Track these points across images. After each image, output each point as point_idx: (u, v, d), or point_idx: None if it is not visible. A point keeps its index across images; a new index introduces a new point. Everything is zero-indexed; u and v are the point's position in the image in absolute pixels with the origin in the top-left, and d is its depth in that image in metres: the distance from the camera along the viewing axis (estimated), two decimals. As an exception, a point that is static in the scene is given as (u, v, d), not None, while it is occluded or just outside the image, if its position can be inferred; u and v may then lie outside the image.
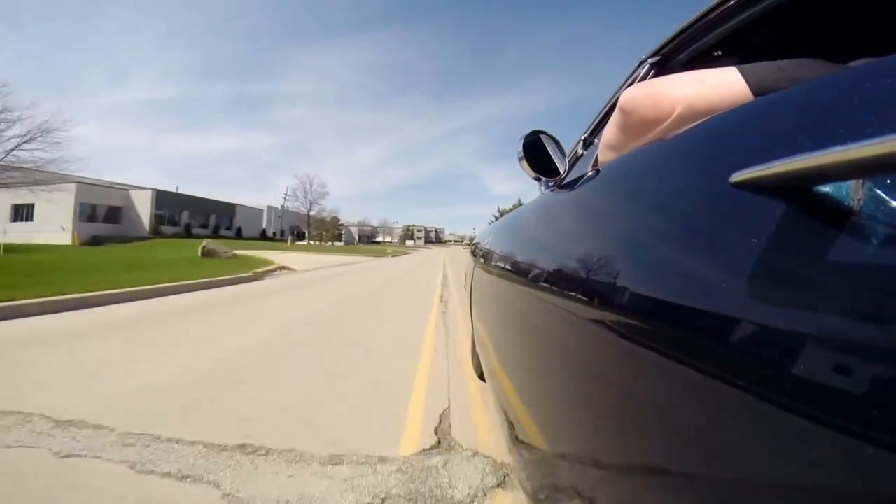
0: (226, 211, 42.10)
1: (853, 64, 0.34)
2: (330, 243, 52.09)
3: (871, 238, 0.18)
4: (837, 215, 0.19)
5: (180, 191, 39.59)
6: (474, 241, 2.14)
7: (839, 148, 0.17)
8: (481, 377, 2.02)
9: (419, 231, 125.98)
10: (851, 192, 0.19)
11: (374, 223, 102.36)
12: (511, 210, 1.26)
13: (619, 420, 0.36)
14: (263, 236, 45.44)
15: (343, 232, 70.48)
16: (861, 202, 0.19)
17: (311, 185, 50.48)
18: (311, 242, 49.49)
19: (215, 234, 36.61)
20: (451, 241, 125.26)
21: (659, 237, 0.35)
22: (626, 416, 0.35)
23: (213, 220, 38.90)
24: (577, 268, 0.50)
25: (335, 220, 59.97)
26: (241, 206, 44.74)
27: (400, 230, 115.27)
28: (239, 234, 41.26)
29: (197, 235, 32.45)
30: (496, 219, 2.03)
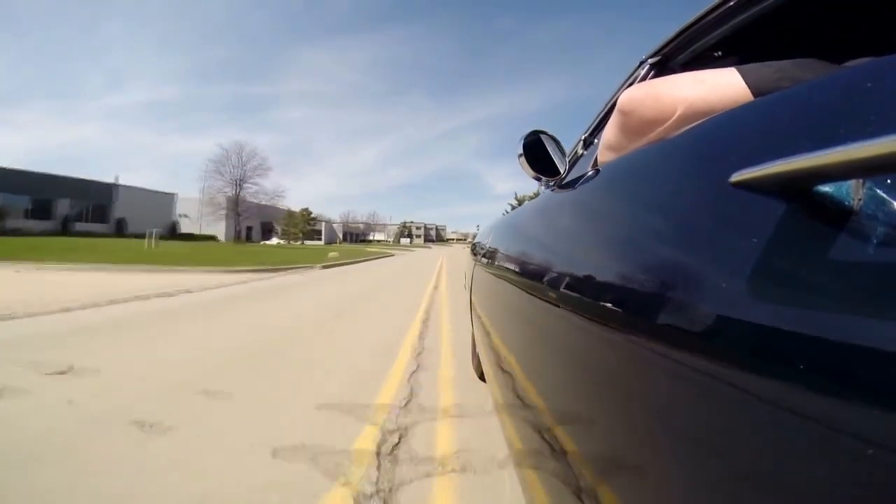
0: (95, 194, 26.41)
1: (852, 64, 0.34)
2: (300, 243, 40.57)
3: (871, 238, 0.18)
4: (837, 215, 0.19)
5: (119, 181, 27.46)
6: (474, 241, 2.14)
7: (839, 148, 0.17)
8: (482, 377, 2.02)
9: (417, 228, 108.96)
10: (851, 192, 0.19)
11: (362, 218, 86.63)
12: (532, 198, 1.24)
13: (620, 420, 0.36)
14: (173, 233, 29.62)
15: (322, 229, 58.11)
16: (861, 202, 0.19)
17: (241, 157, 32.28)
18: (279, 242, 37.35)
19: (63, 230, 22.49)
20: (453, 239, 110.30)
21: (659, 237, 0.35)
22: (626, 416, 0.35)
23: (61, 206, 24.37)
24: (576, 268, 0.50)
25: (306, 213, 46.43)
26: (126, 187, 28.48)
27: (396, 227, 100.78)
28: (120, 230, 26.23)
29: (16, 231, 18.62)
30: (513, 208, 1.93)
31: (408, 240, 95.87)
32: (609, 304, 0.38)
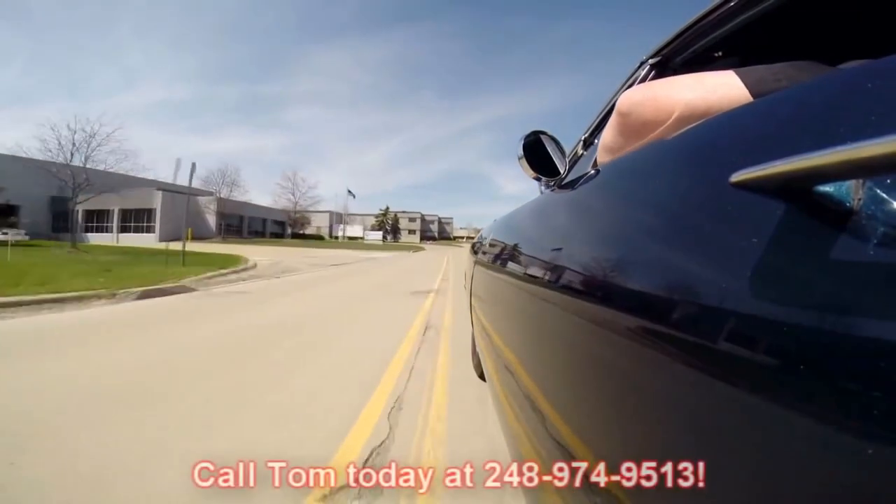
0: None
1: (850, 65, 0.34)
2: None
3: (871, 238, 0.18)
4: (837, 215, 0.19)
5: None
6: (474, 241, 2.14)
7: (839, 148, 0.17)
8: (481, 377, 2.02)
9: (412, 220, 71.43)
10: (851, 192, 0.19)
11: (261, 195, 55.09)
12: None
13: (620, 419, 0.36)
14: None
15: (156, 208, 29.22)
16: (861, 202, 0.19)
17: None
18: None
19: None
20: (462, 237, 70.28)
21: (659, 237, 0.35)
22: (626, 414, 0.35)
23: None
24: (576, 268, 0.50)
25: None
26: None
27: (373, 219, 65.77)
28: None
29: None
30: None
31: (379, 235, 56.62)
32: (609, 304, 0.38)
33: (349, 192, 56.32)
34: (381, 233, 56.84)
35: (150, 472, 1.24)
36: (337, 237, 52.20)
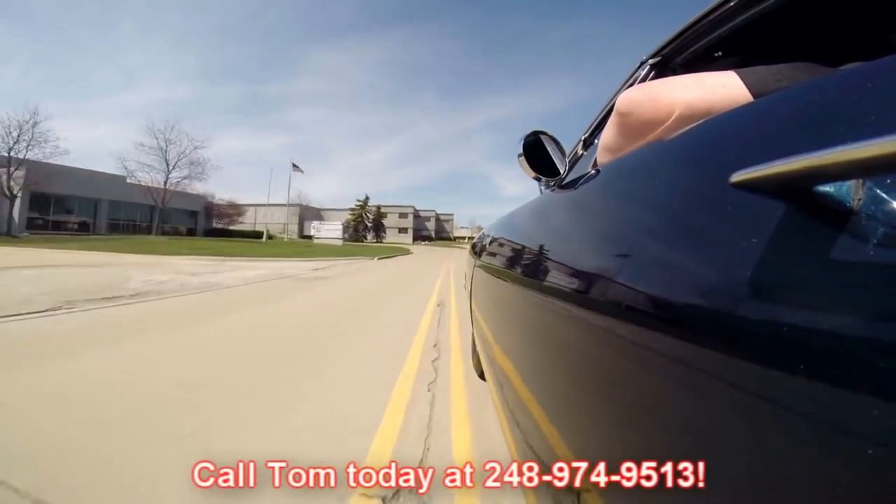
0: None
1: (850, 66, 0.34)
2: None
3: (871, 238, 0.18)
4: (837, 215, 0.19)
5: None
6: (474, 241, 2.15)
7: (839, 148, 0.17)
8: (482, 376, 2.02)
9: (402, 216, 57.90)
10: (851, 192, 0.19)
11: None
12: None
13: (620, 419, 0.36)
14: None
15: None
16: (861, 202, 0.19)
17: None
18: None
19: None
20: (464, 238, 57.92)
21: (659, 237, 0.35)
22: (625, 415, 0.35)
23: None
24: (576, 268, 0.50)
25: None
26: None
27: (347, 213, 51.70)
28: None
29: None
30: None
31: (338, 232, 33.68)
32: (608, 304, 0.38)
33: (294, 165, 35.28)
34: (339, 229, 35.00)
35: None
36: (310, 236, 36.78)
